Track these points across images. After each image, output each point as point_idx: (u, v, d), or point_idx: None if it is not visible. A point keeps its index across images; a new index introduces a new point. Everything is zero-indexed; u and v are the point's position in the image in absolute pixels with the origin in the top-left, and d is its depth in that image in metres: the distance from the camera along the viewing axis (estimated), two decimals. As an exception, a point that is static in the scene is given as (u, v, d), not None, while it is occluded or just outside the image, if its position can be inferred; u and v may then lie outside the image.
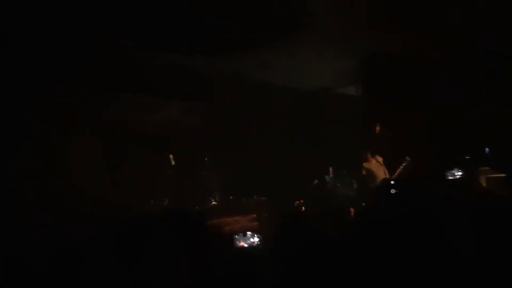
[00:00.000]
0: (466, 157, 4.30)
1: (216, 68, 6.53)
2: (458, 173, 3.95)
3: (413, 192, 2.79)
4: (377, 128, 6.26)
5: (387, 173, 5.95)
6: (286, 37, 5.75)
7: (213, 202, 6.80)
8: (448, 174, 4.04)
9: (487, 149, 4.09)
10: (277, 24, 5.44)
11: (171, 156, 6.54)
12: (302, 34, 5.71)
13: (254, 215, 6.41)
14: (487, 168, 4.71)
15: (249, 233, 4.45)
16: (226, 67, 6.58)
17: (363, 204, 5.70)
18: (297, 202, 6.70)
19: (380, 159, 6.05)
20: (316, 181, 7.26)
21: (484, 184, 5.35)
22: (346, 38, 6.02)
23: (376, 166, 6.00)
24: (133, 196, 5.92)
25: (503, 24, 5.40)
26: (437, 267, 2.37)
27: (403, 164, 5.84)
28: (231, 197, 7.07)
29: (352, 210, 4.78)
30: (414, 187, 2.89)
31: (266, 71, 6.76)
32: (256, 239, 4.35)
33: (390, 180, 4.45)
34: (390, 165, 6.00)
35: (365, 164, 6.07)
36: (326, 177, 7.27)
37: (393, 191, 2.79)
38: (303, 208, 6.68)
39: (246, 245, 4.36)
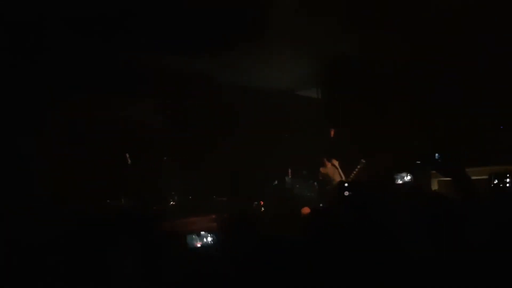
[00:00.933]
0: (417, 162, 4.54)
1: (179, 67, 6.50)
2: (408, 177, 4.16)
3: (366, 194, 2.89)
4: (332, 132, 6.41)
5: (343, 176, 6.09)
6: (249, 38, 5.79)
7: (171, 202, 6.74)
8: (399, 177, 4.24)
9: (437, 154, 4.32)
10: (240, 25, 5.47)
11: (127, 155, 6.43)
12: (264, 35, 5.77)
13: (213, 216, 6.39)
14: (435, 172, 4.98)
15: (203, 232, 4.44)
16: (189, 67, 6.56)
17: (320, 205, 5.81)
18: (256, 203, 6.72)
19: (336, 162, 6.20)
20: (276, 182, 7.32)
21: (435, 186, 5.60)
22: (307, 41, 6.12)
23: (332, 170, 6.14)
24: (90, 195, 5.79)
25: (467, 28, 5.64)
26: (388, 266, 2.45)
27: (358, 167, 6.02)
28: (190, 197, 7.02)
29: (304, 210, 4.87)
30: (367, 189, 3.00)
31: (228, 72, 6.78)
32: (210, 239, 4.35)
33: (345, 183, 4.58)
34: (346, 168, 6.16)
35: (321, 168, 6.20)
36: (286, 178, 7.35)
37: (346, 193, 2.89)
38: (263, 209, 6.71)
39: (200, 245, 4.35)
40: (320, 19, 5.63)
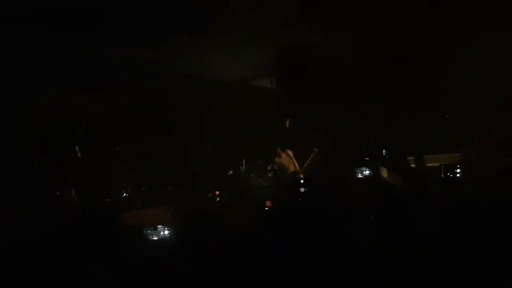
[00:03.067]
0: (366, 158, 4.74)
1: (130, 57, 6.34)
2: (367, 171, 4.36)
3: (320, 191, 2.98)
4: (287, 122, 6.50)
5: (297, 165, 6.22)
6: (202, 28, 5.73)
7: (124, 194, 6.61)
8: (359, 171, 4.44)
9: (384, 150, 4.56)
10: (192, 14, 5.40)
11: (76, 147, 6.22)
12: (217, 24, 5.72)
13: (167, 207, 6.33)
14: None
15: (159, 226, 4.42)
16: (141, 57, 6.41)
17: (274, 195, 5.91)
18: (211, 193, 6.73)
19: (290, 152, 6.31)
20: (230, 172, 7.34)
21: (384, 174, 5.87)
22: (262, 30, 6.13)
23: (287, 160, 6.25)
24: (39, 188, 5.58)
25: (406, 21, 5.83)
26: (343, 260, 2.54)
27: (311, 156, 6.16)
28: (143, 189, 6.91)
29: (268, 203, 4.96)
30: (321, 185, 3.08)
31: (180, 62, 6.68)
32: (166, 232, 4.34)
33: (300, 177, 4.70)
34: (300, 158, 6.28)
35: (276, 158, 6.30)
36: (241, 168, 7.38)
37: (302, 189, 2.97)
38: (218, 199, 6.73)
39: (156, 239, 4.33)
40: (274, 8, 5.65)
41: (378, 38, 6.25)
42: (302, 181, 3.18)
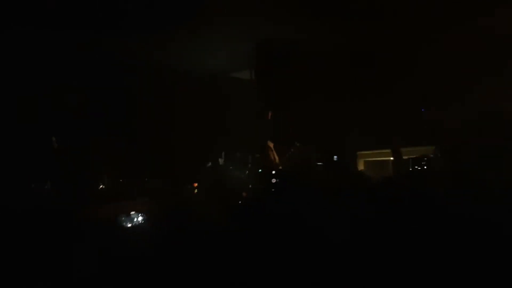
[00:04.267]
0: (319, 163, 4.90)
1: (110, 49, 6.27)
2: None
3: (291, 182, 2.99)
4: (269, 114, 6.50)
5: (276, 158, 6.23)
6: (181, 20, 5.69)
7: (101, 186, 6.55)
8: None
9: (335, 157, 4.79)
10: (171, 6, 5.36)
11: (53, 138, 6.15)
12: (196, 17, 5.69)
13: (146, 199, 6.29)
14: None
15: (133, 212, 4.39)
16: (121, 49, 6.35)
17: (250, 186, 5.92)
18: (189, 185, 6.71)
19: (271, 144, 6.32)
20: (209, 164, 7.32)
21: (361, 167, 5.95)
22: (240, 22, 6.11)
23: (267, 151, 6.25)
24: (14, 180, 5.50)
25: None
26: (311, 250, 2.56)
27: (291, 150, 6.18)
28: (121, 180, 6.85)
29: (245, 194, 4.97)
30: (292, 177, 3.10)
31: (160, 55, 6.64)
32: (140, 218, 4.31)
33: (272, 170, 4.74)
34: (281, 151, 6.30)
35: (266, 151, 6.31)
36: (220, 160, 7.37)
37: (273, 180, 2.98)
38: (196, 191, 6.71)
39: (130, 225, 4.31)
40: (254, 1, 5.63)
41: (359, 32, 6.29)
42: (273, 172, 3.21)
